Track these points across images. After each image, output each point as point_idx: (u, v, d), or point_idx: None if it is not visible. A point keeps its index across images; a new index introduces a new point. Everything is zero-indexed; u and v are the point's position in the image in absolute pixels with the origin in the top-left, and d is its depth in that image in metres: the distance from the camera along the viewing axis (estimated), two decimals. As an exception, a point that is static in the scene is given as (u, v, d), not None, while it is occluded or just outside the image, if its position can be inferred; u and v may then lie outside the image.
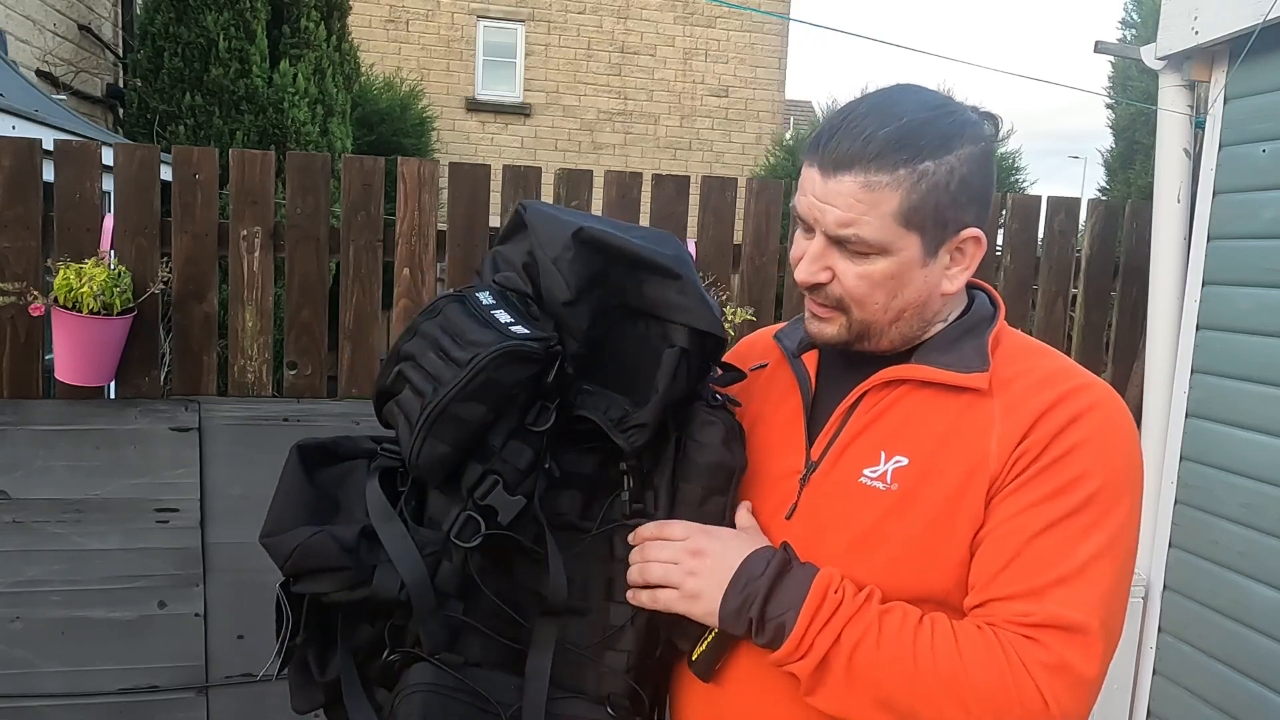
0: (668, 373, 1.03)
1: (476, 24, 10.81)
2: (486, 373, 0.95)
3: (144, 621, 2.49)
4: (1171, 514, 2.57)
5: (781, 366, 1.16)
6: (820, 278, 1.01)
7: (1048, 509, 0.93)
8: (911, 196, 0.96)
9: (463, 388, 0.95)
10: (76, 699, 2.47)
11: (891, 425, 1.03)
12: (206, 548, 2.51)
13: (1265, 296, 2.31)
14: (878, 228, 0.97)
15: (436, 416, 0.96)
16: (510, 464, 0.99)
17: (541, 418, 1.01)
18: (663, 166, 10.94)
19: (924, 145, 0.96)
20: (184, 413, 2.48)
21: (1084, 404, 0.97)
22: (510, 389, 0.98)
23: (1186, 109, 2.61)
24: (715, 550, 1.00)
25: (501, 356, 0.96)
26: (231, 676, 2.55)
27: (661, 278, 1.05)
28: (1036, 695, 0.88)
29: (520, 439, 1.00)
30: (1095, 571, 0.92)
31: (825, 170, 0.98)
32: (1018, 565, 0.93)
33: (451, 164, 2.64)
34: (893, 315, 1.02)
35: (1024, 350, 1.06)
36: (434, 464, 0.98)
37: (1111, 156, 6.69)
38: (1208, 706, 2.43)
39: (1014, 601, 0.92)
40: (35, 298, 2.27)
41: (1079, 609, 0.90)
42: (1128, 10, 6.49)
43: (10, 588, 2.41)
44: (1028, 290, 2.91)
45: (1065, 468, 0.94)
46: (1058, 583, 0.91)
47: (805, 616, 0.94)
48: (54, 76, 5.04)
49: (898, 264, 0.99)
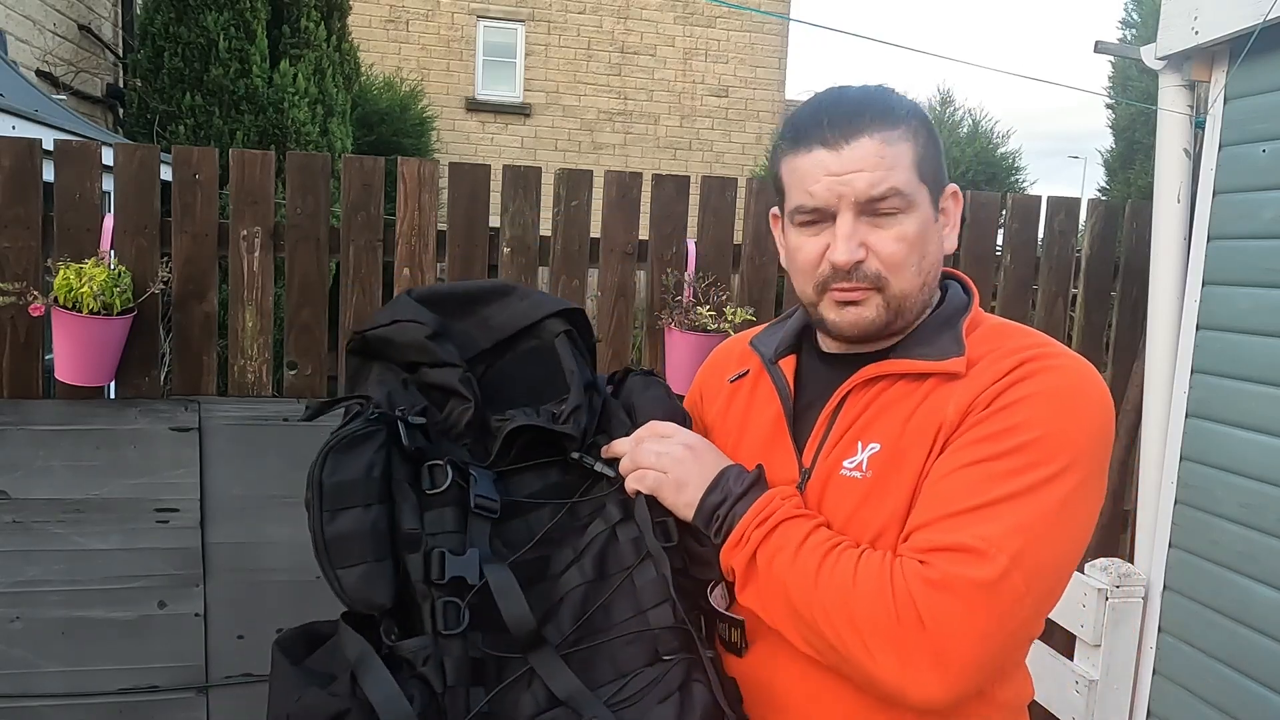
0: (568, 355, 1.08)
1: (476, 24, 10.81)
2: (324, 482, 0.93)
3: (144, 621, 2.49)
4: (1171, 514, 2.57)
5: (760, 374, 1.16)
6: (860, 254, 1.00)
7: (975, 449, 0.93)
8: (917, 148, 1.01)
9: (320, 508, 0.93)
10: (76, 699, 2.47)
11: (869, 417, 1.04)
12: (206, 548, 2.51)
13: (1265, 296, 2.31)
14: (906, 179, 0.99)
15: (325, 549, 0.92)
16: (442, 532, 0.95)
17: (437, 478, 0.97)
18: (663, 166, 10.94)
19: (900, 108, 1.02)
20: (184, 413, 2.48)
21: (1042, 365, 0.97)
22: (366, 480, 0.94)
23: (1186, 109, 2.60)
24: (704, 450, 1.06)
25: (326, 460, 0.94)
26: (231, 676, 2.55)
27: (498, 298, 1.11)
28: (912, 611, 0.87)
29: (434, 507, 0.96)
30: (1008, 507, 0.89)
31: (834, 144, 0.99)
32: (930, 498, 0.94)
33: (451, 164, 2.64)
34: (921, 280, 1.03)
35: (998, 332, 1.07)
36: (369, 588, 0.93)
37: (1111, 156, 6.69)
38: (1208, 706, 2.43)
39: (919, 531, 0.92)
40: (35, 298, 2.27)
41: (976, 536, 0.88)
42: (1128, 10, 6.48)
43: (10, 588, 2.41)
44: (1028, 290, 2.91)
45: (1005, 416, 0.94)
46: (963, 513, 0.90)
47: (751, 514, 0.99)
48: (54, 76, 5.04)
49: (921, 221, 1.01)
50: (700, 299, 2.59)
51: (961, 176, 9.17)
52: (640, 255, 2.72)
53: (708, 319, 2.50)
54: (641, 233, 2.71)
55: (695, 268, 2.68)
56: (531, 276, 2.66)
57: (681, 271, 2.69)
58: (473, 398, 1.04)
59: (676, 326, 2.53)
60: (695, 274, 2.67)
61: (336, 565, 0.92)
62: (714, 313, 2.52)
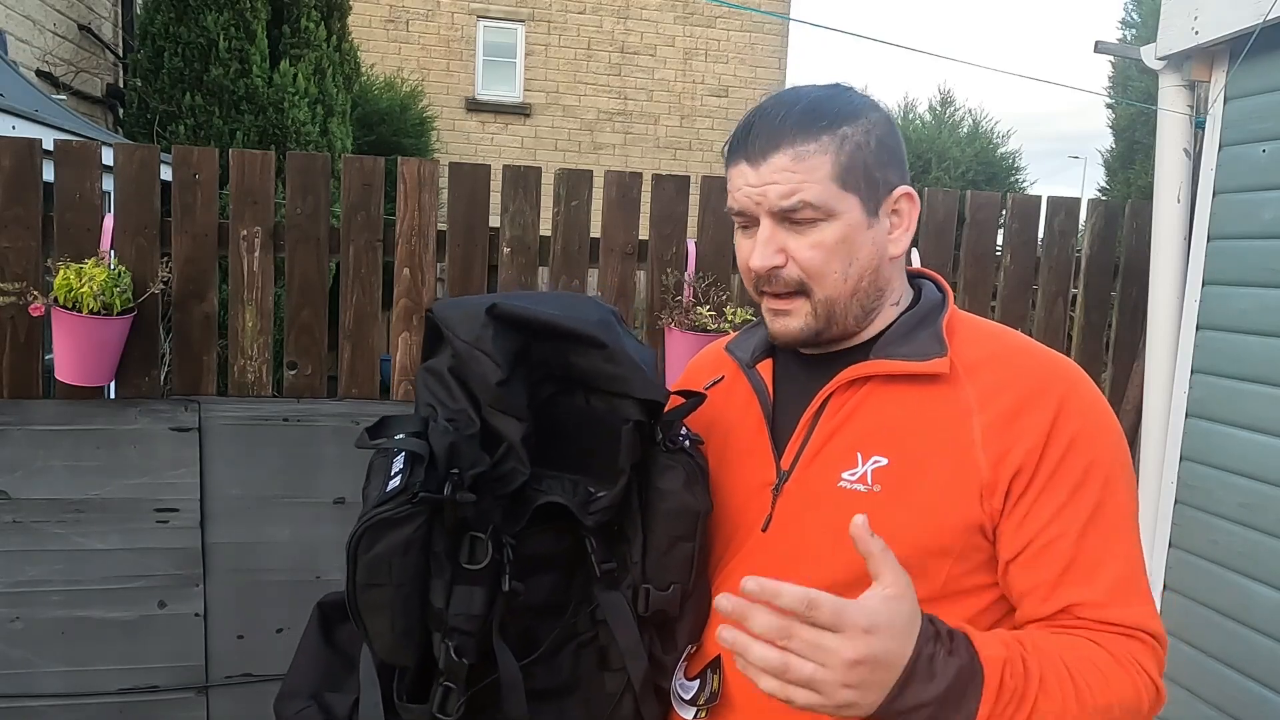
0: (627, 452, 1.00)
1: (476, 24, 10.81)
2: (359, 558, 0.92)
3: (144, 621, 2.49)
4: (1171, 514, 2.57)
5: (737, 379, 1.15)
6: (776, 260, 1.01)
7: (1076, 510, 0.96)
8: (840, 158, 1.00)
9: (353, 579, 0.92)
10: (76, 699, 2.47)
11: (864, 425, 1.03)
12: (206, 548, 2.51)
13: (1265, 296, 2.31)
14: (819, 191, 1.00)
15: (358, 613, 0.93)
16: (462, 614, 0.95)
17: (478, 552, 0.95)
18: (663, 166, 10.94)
19: (836, 113, 1.01)
20: (184, 413, 2.48)
21: (1061, 393, 0.99)
22: (402, 561, 0.92)
23: (1186, 109, 2.61)
24: (879, 655, 0.80)
25: (363, 537, 0.92)
26: (231, 676, 2.55)
27: (587, 347, 1.02)
28: (1154, 690, 0.95)
29: (464, 582, 0.95)
30: (1138, 555, 0.99)
31: (754, 160, 1.01)
32: (1075, 572, 0.96)
33: (451, 164, 2.64)
34: (851, 286, 1.03)
35: (983, 333, 1.07)
36: (393, 654, 0.96)
37: (1111, 156, 6.69)
38: (1208, 706, 2.43)
39: (1091, 608, 0.95)
40: (35, 298, 2.27)
41: (1146, 599, 0.98)
42: (1128, 10, 6.49)
43: (10, 588, 2.42)
44: (1028, 290, 2.91)
45: (1073, 465, 0.97)
46: (1122, 581, 0.96)
47: (982, 718, 0.85)
48: (54, 76, 5.04)
49: (845, 227, 1.01)
50: (700, 299, 2.59)
51: (961, 176, 9.19)
52: (640, 255, 2.72)
53: (708, 319, 2.50)
54: (641, 233, 2.71)
55: (695, 268, 2.68)
56: (531, 276, 2.67)
57: (681, 271, 2.69)
58: (527, 468, 1.00)
59: (676, 326, 2.54)
60: (695, 274, 2.67)
61: (367, 629, 0.95)
62: (714, 313, 2.52)
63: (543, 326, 1.02)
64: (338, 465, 2.55)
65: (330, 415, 2.56)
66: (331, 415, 2.56)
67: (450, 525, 0.94)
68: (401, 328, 2.62)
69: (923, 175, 9.04)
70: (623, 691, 1.04)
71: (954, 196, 2.86)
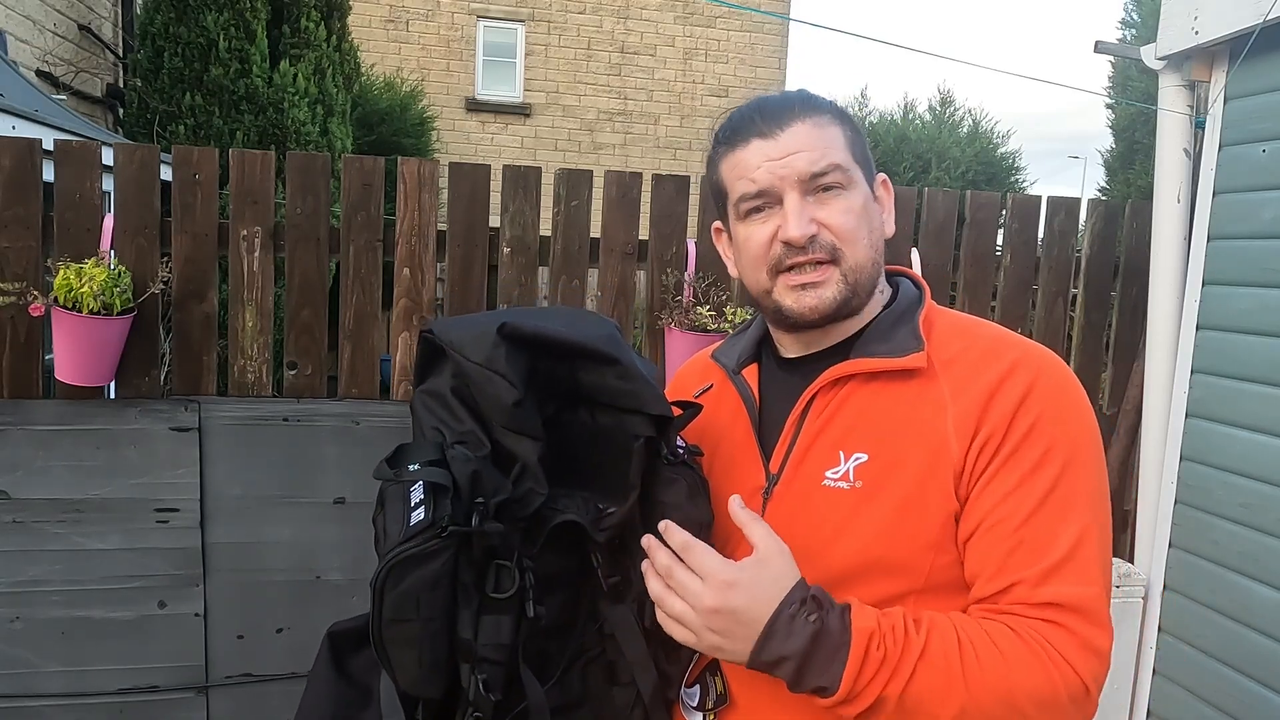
0: (638, 468, 1.00)
1: (476, 24, 10.81)
2: (385, 595, 0.91)
3: (144, 621, 2.49)
4: (1171, 514, 2.57)
5: (725, 386, 1.17)
6: (813, 228, 1.02)
7: (1029, 491, 0.95)
8: (846, 132, 1.06)
9: (378, 616, 0.91)
10: (76, 699, 2.47)
11: (846, 423, 1.04)
12: (206, 548, 2.52)
13: (1265, 296, 2.31)
14: (843, 155, 1.04)
15: (383, 649, 0.93)
16: (491, 644, 0.95)
17: (503, 580, 0.95)
18: (663, 166, 10.94)
19: (823, 102, 1.07)
20: (184, 413, 2.48)
21: (1029, 377, 0.99)
22: (430, 597, 0.92)
23: (1186, 109, 2.61)
24: (736, 609, 0.91)
25: (390, 574, 0.91)
26: (231, 676, 2.55)
27: (596, 364, 1.01)
28: (1077, 680, 0.90)
29: (491, 611, 0.95)
30: (1089, 540, 0.95)
31: (770, 134, 1.03)
32: (1020, 553, 0.94)
33: (451, 164, 2.64)
34: (872, 255, 1.06)
35: (959, 328, 1.08)
36: (419, 687, 0.95)
37: (1111, 156, 6.69)
38: (1208, 706, 2.43)
39: (1026, 588, 0.93)
40: (35, 298, 2.27)
41: (1087, 582, 0.94)
42: (1128, 10, 6.49)
43: (10, 588, 2.42)
44: (1028, 290, 2.91)
45: (1032, 446, 0.96)
46: (1063, 562, 0.93)
47: (848, 679, 0.89)
48: (54, 76, 5.04)
49: (862, 196, 1.05)
50: (700, 299, 2.59)
51: (961, 176, 9.18)
52: (640, 255, 2.72)
53: (708, 319, 2.51)
54: (641, 233, 2.71)
55: (695, 268, 2.68)
56: (531, 276, 2.67)
57: (681, 271, 2.69)
58: (544, 488, 1.00)
59: (676, 326, 2.54)
60: (695, 274, 2.67)
61: (392, 663, 0.94)
62: (714, 313, 2.53)
63: (557, 345, 1.01)
64: (338, 465, 2.55)
65: (330, 415, 2.56)
66: (331, 415, 2.56)
67: (477, 556, 0.94)
68: (401, 328, 2.62)
69: (923, 175, 9.04)
70: (632, 706, 1.04)
71: (954, 196, 2.86)
